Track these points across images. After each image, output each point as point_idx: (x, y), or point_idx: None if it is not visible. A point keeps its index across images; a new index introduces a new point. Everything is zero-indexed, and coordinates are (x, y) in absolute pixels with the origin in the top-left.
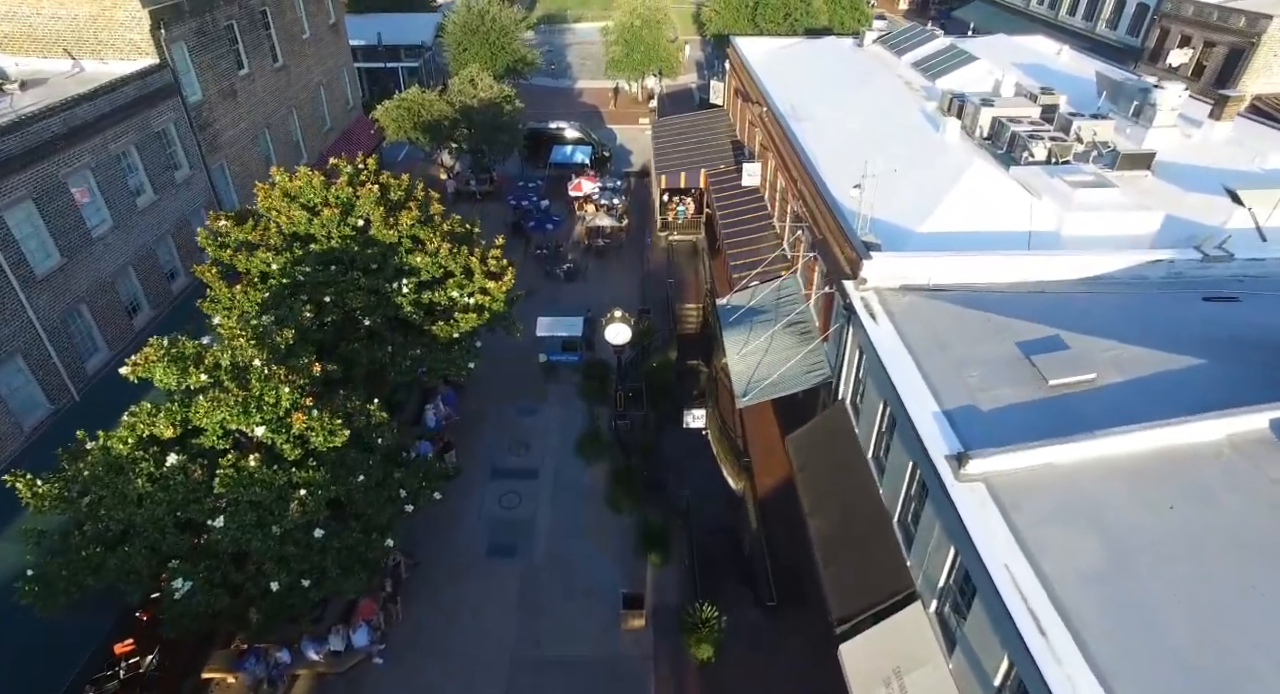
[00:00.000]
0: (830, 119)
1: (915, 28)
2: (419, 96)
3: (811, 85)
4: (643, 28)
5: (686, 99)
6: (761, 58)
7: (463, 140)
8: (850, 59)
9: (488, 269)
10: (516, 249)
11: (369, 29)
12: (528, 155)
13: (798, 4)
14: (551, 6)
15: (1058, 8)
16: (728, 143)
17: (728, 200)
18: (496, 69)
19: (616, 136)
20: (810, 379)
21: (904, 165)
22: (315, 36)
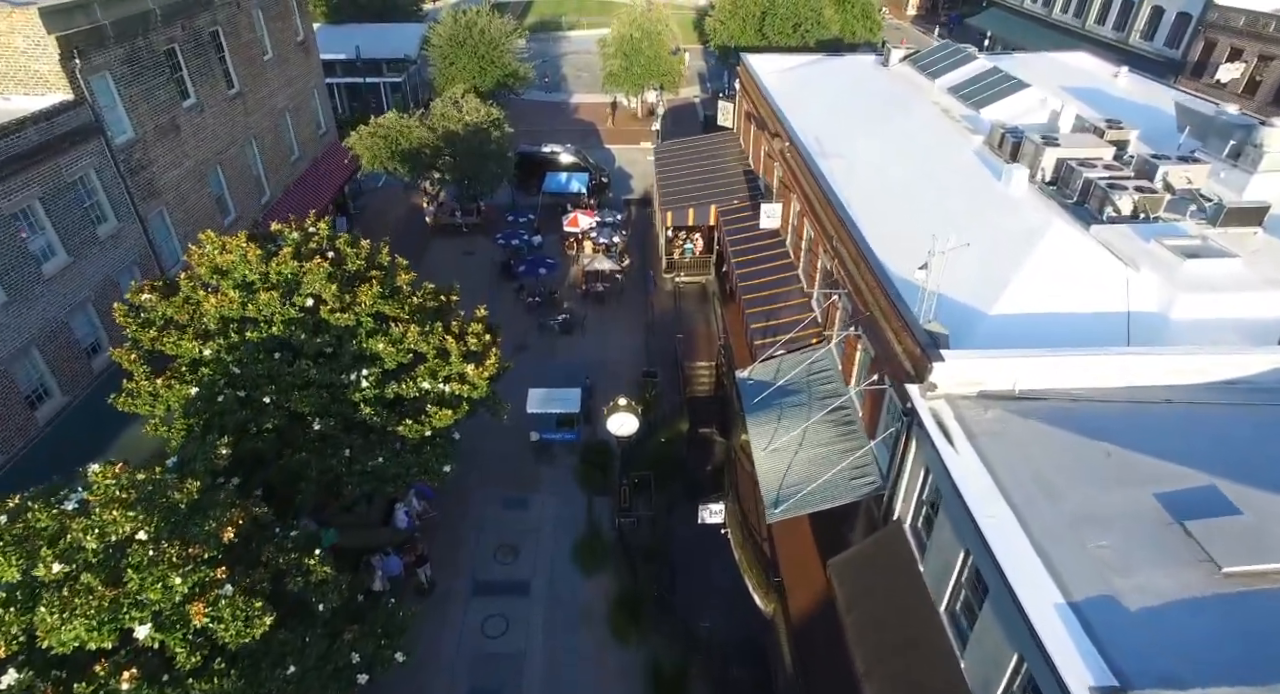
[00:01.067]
0: (864, 157)
1: (947, 46)
2: (396, 122)
3: (836, 113)
4: (642, 39)
5: (689, 115)
6: (776, 78)
7: (446, 170)
8: (876, 82)
9: (467, 347)
10: (506, 294)
11: (348, 41)
12: (519, 181)
13: (808, 13)
14: (546, 12)
15: (1084, 16)
16: (739, 172)
17: (743, 244)
18: (485, 84)
19: (615, 158)
20: (857, 489)
21: (963, 221)
22: (280, 57)
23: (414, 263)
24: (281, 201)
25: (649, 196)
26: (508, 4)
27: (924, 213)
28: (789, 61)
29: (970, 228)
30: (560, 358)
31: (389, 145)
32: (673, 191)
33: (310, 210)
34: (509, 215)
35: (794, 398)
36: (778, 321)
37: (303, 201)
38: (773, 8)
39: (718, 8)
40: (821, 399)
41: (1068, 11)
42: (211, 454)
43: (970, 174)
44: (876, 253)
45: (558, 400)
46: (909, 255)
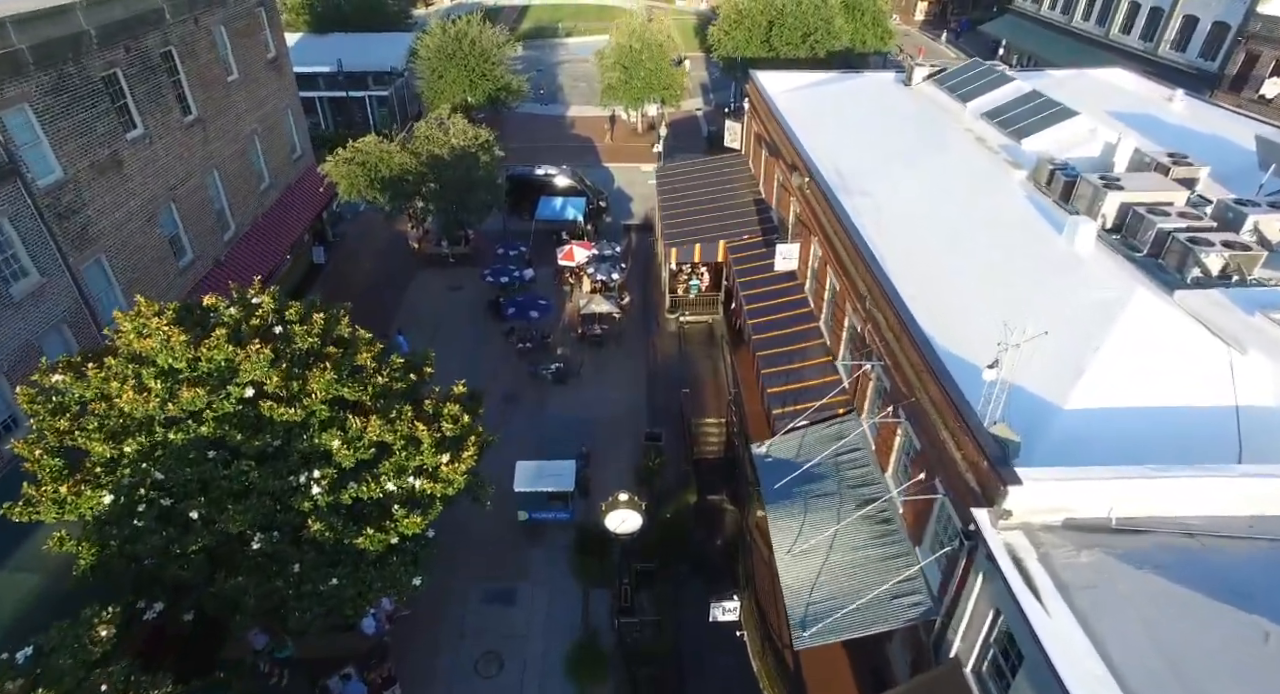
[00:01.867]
0: (894, 196)
1: (976, 64)
2: (375, 147)
3: (858, 141)
4: (642, 50)
5: (692, 131)
6: (788, 98)
7: (430, 200)
8: (900, 104)
9: (441, 432)
10: (494, 336)
11: (332, 52)
12: (511, 206)
13: (818, 22)
14: (542, 17)
15: (1108, 24)
16: (749, 201)
17: (756, 288)
18: (476, 98)
19: (614, 178)
20: (902, 614)
21: (1021, 284)
22: (247, 77)
23: (396, 299)
24: (249, 235)
25: (650, 221)
26: (501, 9)
27: (972, 271)
28: (801, 79)
29: (1030, 294)
30: (553, 412)
31: (367, 172)
32: (677, 224)
33: (280, 244)
34: (498, 247)
35: (820, 484)
36: (798, 384)
37: (274, 233)
38: (780, 17)
39: (722, 17)
40: (854, 488)
41: (1089, 19)
42: (86, 640)
43: (1020, 221)
44: (922, 325)
45: (549, 476)
46: (960, 327)
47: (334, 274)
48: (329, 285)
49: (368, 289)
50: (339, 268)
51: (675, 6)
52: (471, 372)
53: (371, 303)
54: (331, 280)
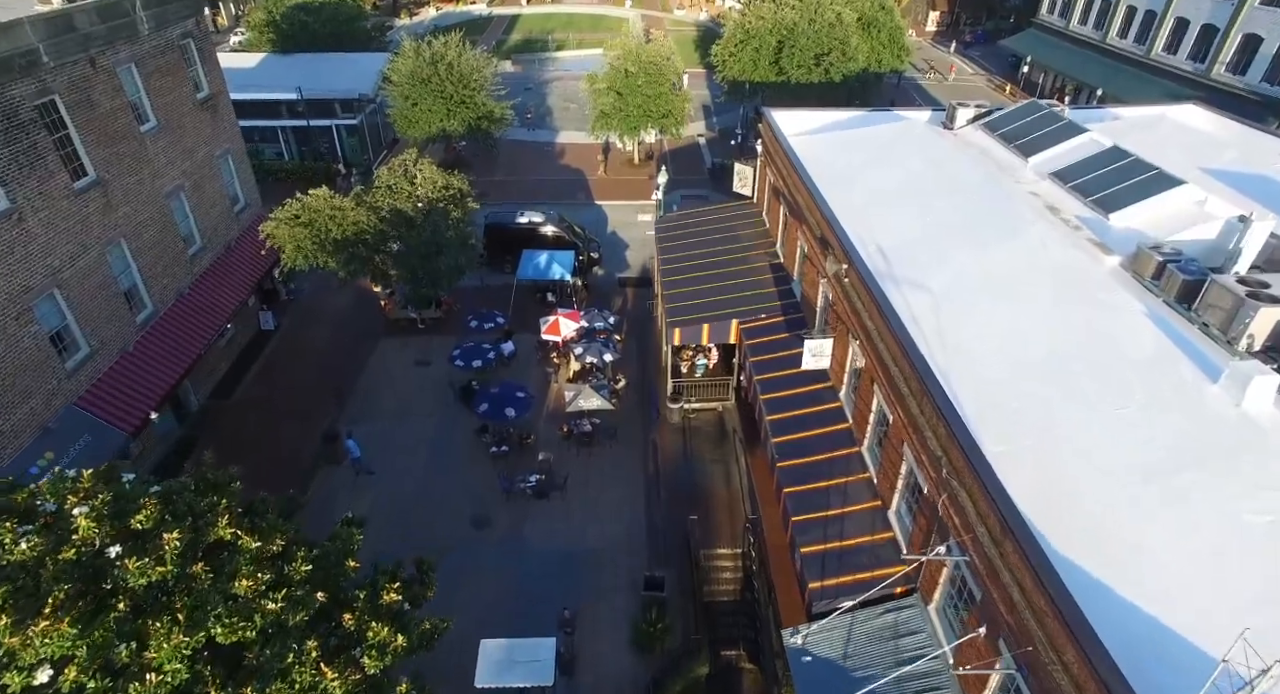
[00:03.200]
0: (957, 290)
1: (1033, 108)
2: (325, 203)
3: (901, 206)
4: (639, 74)
5: (693, 160)
6: (810, 144)
7: (391, 266)
8: (945, 155)
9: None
10: (464, 429)
11: (297, 74)
12: (489, 257)
13: (833, 42)
14: (532, 27)
15: (1150, 42)
16: (765, 266)
17: (778, 388)
18: (455, 128)
19: (607, 220)
20: None
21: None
22: (170, 123)
23: (353, 376)
24: (173, 313)
25: (648, 272)
26: (490, 18)
27: (1097, 436)
28: (822, 119)
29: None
30: (531, 542)
31: (316, 234)
32: (680, 295)
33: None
34: (471, 319)
35: (868, 675)
36: (839, 543)
37: (207, 307)
38: (791, 37)
39: (726, 36)
40: None
41: (1127, 36)
42: None
43: (1134, 342)
44: (1036, 526)
45: (522, 664)
46: (1107, 545)
47: (284, 343)
48: (277, 358)
49: (322, 362)
50: (291, 335)
51: (673, 16)
52: (434, 486)
53: (324, 381)
54: (280, 351)
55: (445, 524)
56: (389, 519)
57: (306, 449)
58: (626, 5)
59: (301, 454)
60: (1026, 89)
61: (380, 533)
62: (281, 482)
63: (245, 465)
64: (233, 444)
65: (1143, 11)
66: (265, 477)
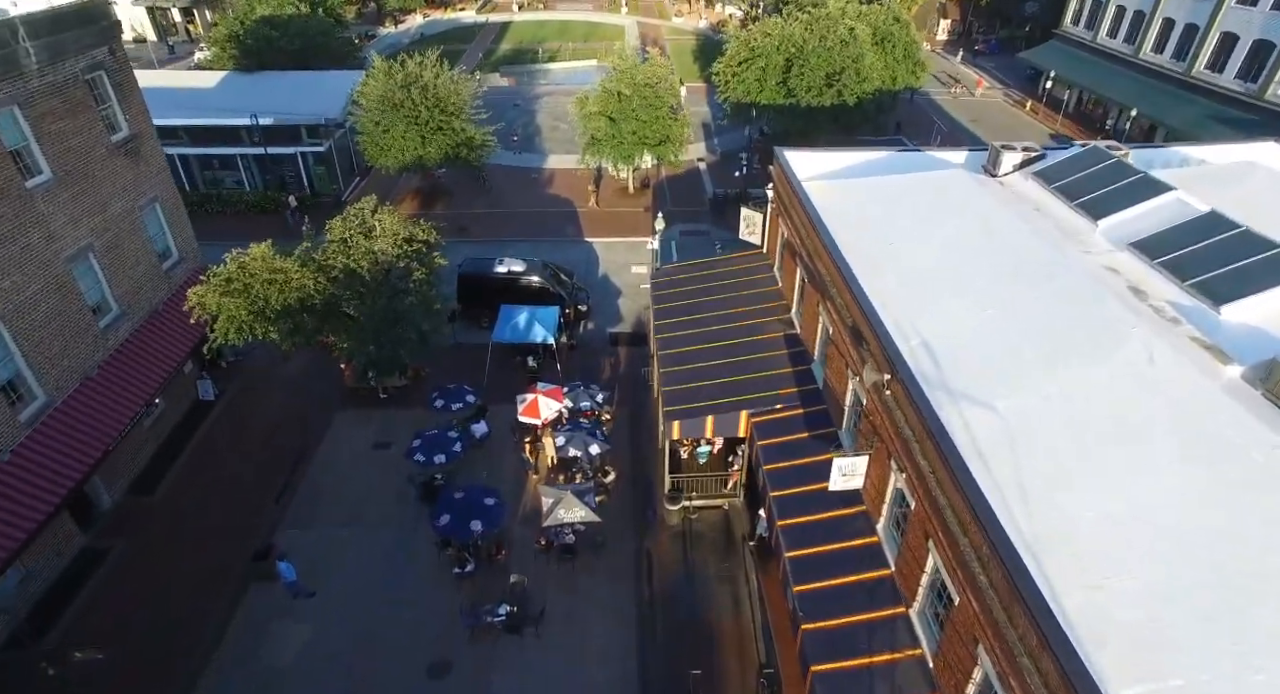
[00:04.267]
0: (1043, 435)
1: (1092, 153)
2: (265, 265)
3: (950, 287)
4: (633, 96)
5: (693, 190)
6: (832, 196)
7: (343, 338)
8: (993, 215)
9: None
10: (423, 537)
11: (260, 95)
12: (464, 309)
13: (845, 61)
14: (523, 36)
15: (1190, 59)
16: (779, 338)
17: (798, 506)
18: (431, 157)
19: (598, 260)
20: None
21: None
22: (73, 174)
23: (301, 462)
24: (74, 401)
25: (643, 325)
26: (479, 26)
27: None
28: (841, 160)
29: None
30: (499, 691)
31: (253, 302)
32: (679, 376)
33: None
34: (436, 398)
35: None
36: None
37: (122, 386)
38: (801, 55)
39: (729, 53)
40: None
41: (1164, 51)
42: None
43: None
44: None
45: None
46: None
47: (225, 418)
48: (215, 437)
49: (265, 443)
50: (234, 407)
51: (671, 24)
52: (384, 618)
53: (263, 471)
54: (220, 429)
55: (395, 672)
56: (326, 666)
57: (239, 561)
58: (623, 12)
59: (231, 569)
60: (1050, 105)
61: (313, 689)
62: (203, 606)
63: (160, 587)
64: (148, 557)
65: (1182, 25)
66: (185, 601)
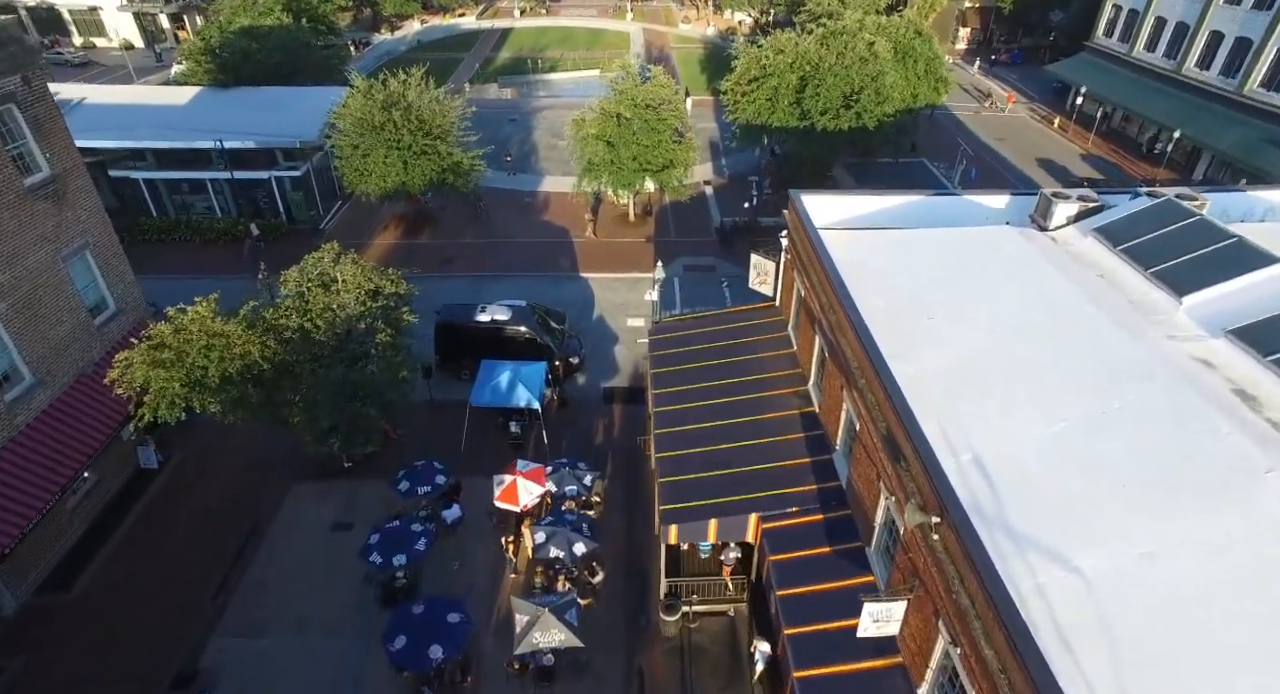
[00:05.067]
0: (1141, 601)
1: (1170, 211)
2: (202, 328)
3: (1004, 386)
4: (634, 119)
5: (699, 214)
6: (856, 250)
7: (295, 413)
8: (1048, 281)
9: None
10: (379, 650)
11: (234, 113)
12: (440, 361)
13: (864, 80)
14: (524, 43)
15: (1242, 76)
16: (795, 417)
17: (821, 649)
18: (415, 184)
19: (593, 300)
20: None
21: None
22: None
23: (247, 548)
24: None
25: (641, 378)
26: (479, 33)
27: None
28: (865, 206)
29: None
30: None
31: (188, 372)
32: (678, 465)
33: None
34: (401, 481)
35: None
36: None
37: (32, 468)
38: (816, 74)
39: (739, 72)
40: None
41: (1210, 67)
42: None
43: None
44: None
45: None
46: None
47: (167, 490)
48: (153, 514)
49: (210, 521)
50: (180, 475)
51: (678, 31)
52: None
53: (204, 558)
54: (159, 505)
55: None
56: None
57: (159, 684)
58: (628, 19)
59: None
60: (1080, 123)
61: None
62: None
63: None
64: (51, 678)
65: (1232, 39)
66: None
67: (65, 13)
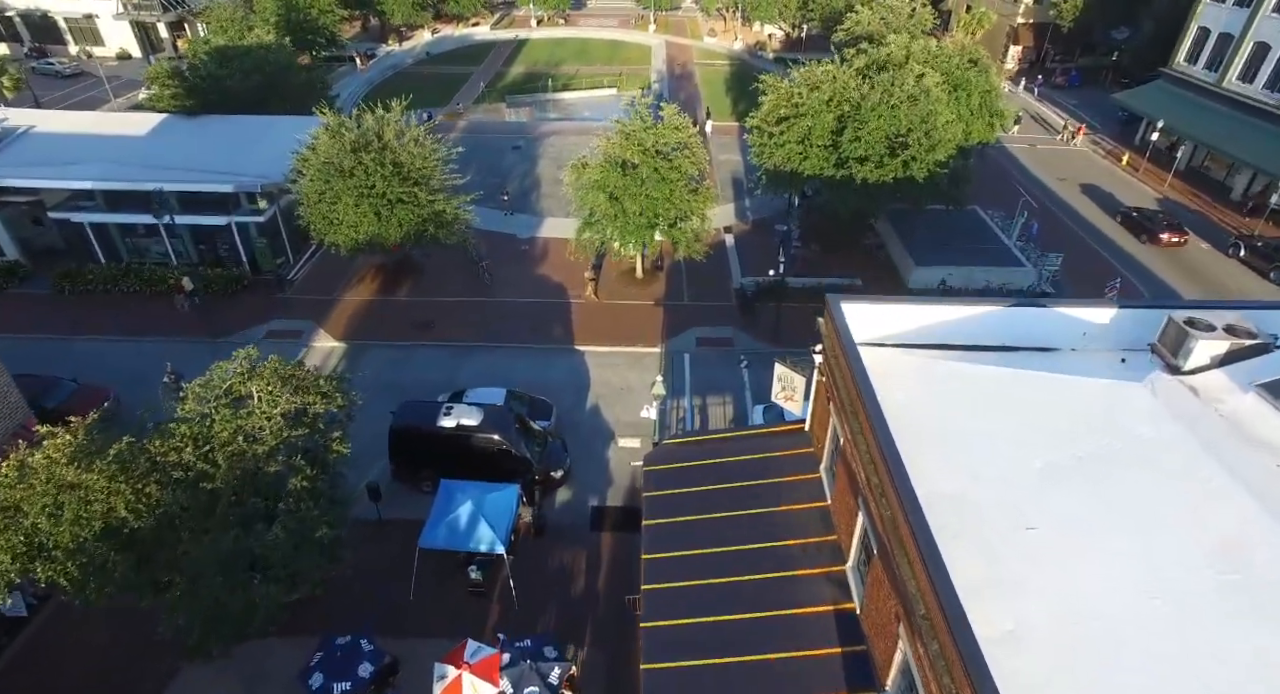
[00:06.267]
0: None
1: None
2: (53, 475)
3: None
4: (643, 167)
5: (717, 271)
6: (912, 387)
7: (173, 593)
8: (1214, 488)
9: None
10: None
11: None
12: (395, 468)
13: (913, 121)
14: (538, 57)
15: None
16: (827, 622)
17: None
18: (390, 236)
19: (588, 383)
20: None
21: None
22: None
23: None
24: None
25: (637, 494)
26: (492, 44)
27: None
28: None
29: None
30: None
31: (28, 537)
32: (671, 654)
33: None
34: (314, 670)
35: None
36: None
37: None
38: (857, 114)
39: (765, 108)
40: None
41: None
42: None
43: None
44: None
45: None
46: None
47: (32, 654)
48: (13, 679)
49: None
50: (53, 634)
51: (703, 44)
52: None
53: None
54: (20, 669)
55: None
56: None
57: None
58: (650, 30)
59: None
60: (1155, 160)
61: None
62: None
63: None
64: None
65: None
66: None
67: (60, 20)
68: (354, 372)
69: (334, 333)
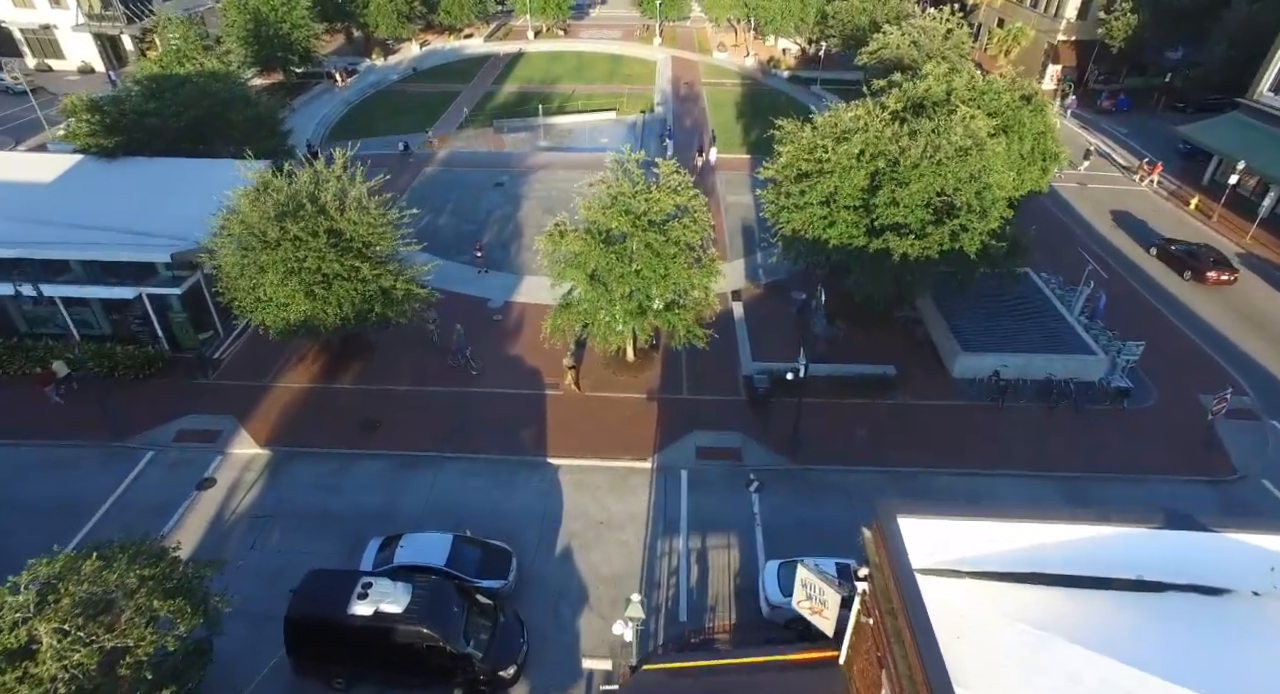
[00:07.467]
0: None
1: None
2: None
3: None
4: (633, 238)
5: (723, 357)
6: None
7: None
8: None
9: None
10: None
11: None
12: (297, 662)
13: (962, 180)
14: (533, 74)
15: None
16: None
17: None
18: (328, 321)
19: (561, 508)
20: None
21: None
22: None
23: None
24: None
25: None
26: (485, 58)
27: None
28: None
29: None
30: None
31: None
32: None
33: None
34: None
35: None
36: None
37: None
38: (894, 172)
39: (783, 161)
40: None
41: None
42: None
43: None
44: None
45: None
46: None
47: None
48: None
49: None
50: None
51: (712, 60)
52: None
53: None
54: None
55: None
56: None
57: None
58: (655, 44)
59: None
60: (1231, 206)
61: None
62: None
63: None
64: None
65: None
66: None
67: (16, 31)
68: (265, 504)
69: (258, 435)
